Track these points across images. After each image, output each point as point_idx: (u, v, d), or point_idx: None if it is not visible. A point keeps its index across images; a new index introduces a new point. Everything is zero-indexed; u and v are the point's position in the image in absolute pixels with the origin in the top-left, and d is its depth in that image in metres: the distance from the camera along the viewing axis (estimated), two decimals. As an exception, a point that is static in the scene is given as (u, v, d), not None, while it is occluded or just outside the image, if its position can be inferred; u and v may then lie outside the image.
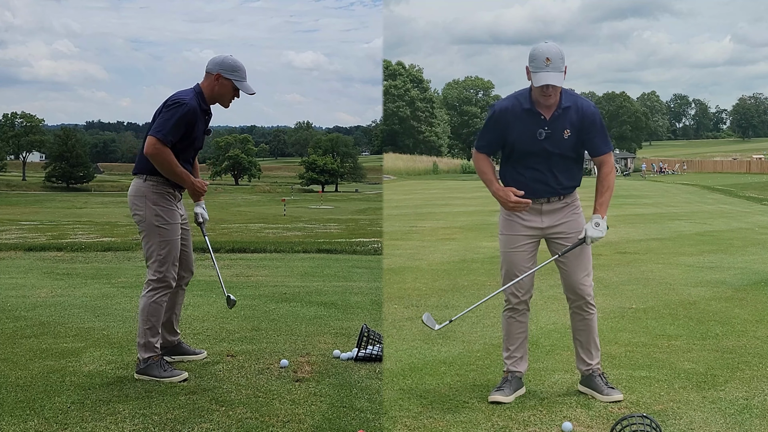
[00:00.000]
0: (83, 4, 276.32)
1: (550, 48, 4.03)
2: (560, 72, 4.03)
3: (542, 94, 4.09)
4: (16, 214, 35.02)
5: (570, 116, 4.17)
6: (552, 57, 4.00)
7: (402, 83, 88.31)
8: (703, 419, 3.93)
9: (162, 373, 4.58)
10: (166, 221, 4.67)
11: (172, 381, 4.54)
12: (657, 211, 21.07)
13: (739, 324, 6.25)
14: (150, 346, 4.66)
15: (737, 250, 11.66)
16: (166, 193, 4.68)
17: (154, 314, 4.67)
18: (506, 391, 4.25)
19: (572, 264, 4.32)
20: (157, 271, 4.68)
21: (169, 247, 4.68)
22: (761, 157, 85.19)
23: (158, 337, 4.72)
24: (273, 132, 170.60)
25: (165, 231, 4.67)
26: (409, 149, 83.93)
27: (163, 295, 4.72)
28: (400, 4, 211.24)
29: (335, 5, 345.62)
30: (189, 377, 4.65)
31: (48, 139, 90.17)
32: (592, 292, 4.38)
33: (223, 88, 4.68)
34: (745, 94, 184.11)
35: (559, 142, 4.19)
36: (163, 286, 4.70)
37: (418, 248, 11.58)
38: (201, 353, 5.16)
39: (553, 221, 4.31)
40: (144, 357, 4.64)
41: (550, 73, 4.01)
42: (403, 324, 6.21)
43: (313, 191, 76.86)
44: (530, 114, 4.18)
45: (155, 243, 4.66)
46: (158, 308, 4.70)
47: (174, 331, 5.04)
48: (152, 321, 4.67)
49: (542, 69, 4.00)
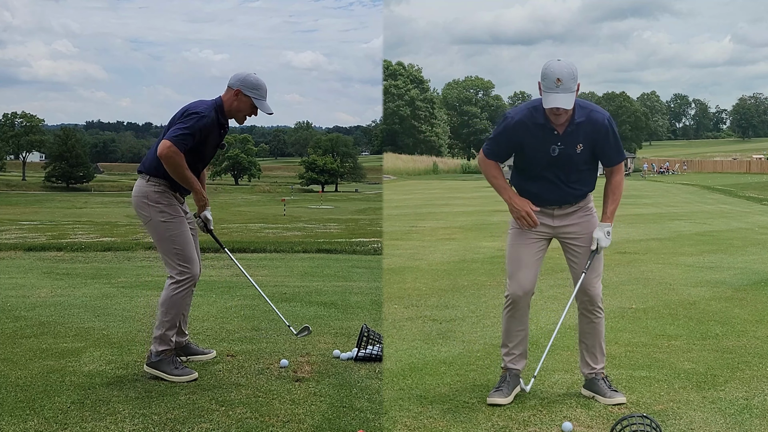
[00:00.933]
0: (82, 4, 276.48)
1: (562, 68, 3.96)
2: (571, 93, 3.97)
3: (552, 113, 4.06)
4: (16, 214, 35.02)
5: (584, 130, 4.14)
6: (563, 78, 3.94)
7: (402, 83, 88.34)
8: (703, 419, 3.93)
9: (173, 371, 4.58)
10: (171, 215, 4.69)
11: (181, 380, 4.53)
12: (657, 211, 21.07)
13: (739, 324, 6.25)
14: (166, 339, 4.66)
15: (737, 250, 11.66)
16: (167, 193, 4.71)
17: (174, 307, 4.68)
18: (504, 392, 4.25)
19: (582, 262, 4.33)
20: (179, 264, 4.68)
21: (182, 238, 4.70)
22: (761, 157, 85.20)
23: (174, 331, 4.73)
24: (273, 132, 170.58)
25: (173, 224, 4.69)
26: (409, 149, 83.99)
27: (187, 289, 4.72)
28: (401, 4, 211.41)
29: (334, 5, 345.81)
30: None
31: (48, 139, 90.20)
32: (601, 294, 4.39)
33: (242, 104, 4.71)
34: (745, 94, 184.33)
35: (572, 156, 4.18)
36: (187, 278, 4.70)
37: (418, 248, 11.58)
38: (210, 353, 5.16)
39: (564, 222, 4.34)
40: (158, 350, 4.63)
41: (559, 95, 3.95)
42: (403, 324, 6.21)
43: (313, 191, 76.88)
44: (543, 129, 4.14)
45: (167, 239, 4.68)
46: (180, 302, 4.70)
47: (182, 332, 5.04)
48: (172, 314, 4.67)
49: (552, 90, 3.95)
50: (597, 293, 4.36)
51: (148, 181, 4.69)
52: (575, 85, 3.98)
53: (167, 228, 4.67)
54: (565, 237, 4.36)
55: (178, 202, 4.79)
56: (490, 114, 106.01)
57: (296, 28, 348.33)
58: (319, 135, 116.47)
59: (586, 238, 4.31)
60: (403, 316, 6.51)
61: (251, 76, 4.72)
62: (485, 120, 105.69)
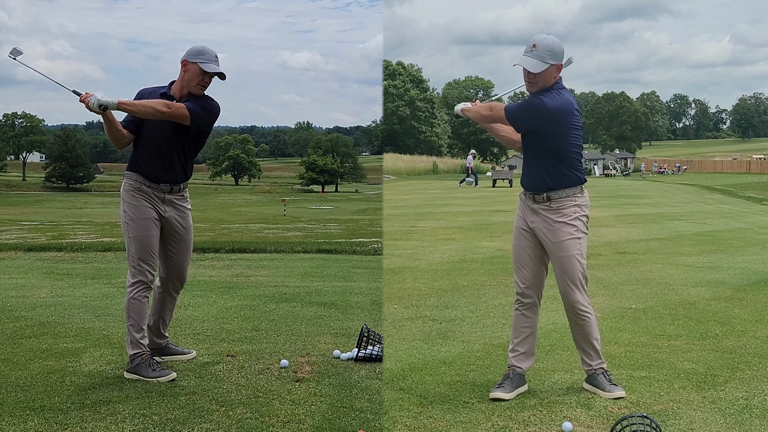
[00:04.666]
0: (79, 4, 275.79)
1: (543, 38, 4.18)
2: (540, 61, 4.14)
3: (525, 80, 4.26)
4: (16, 215, 35.01)
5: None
6: (539, 45, 4.17)
7: (402, 83, 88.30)
8: (703, 419, 3.93)
9: (150, 373, 4.59)
10: (132, 217, 4.71)
11: (160, 381, 4.54)
12: (656, 211, 21.05)
13: (738, 324, 6.25)
14: (135, 342, 4.67)
15: (737, 250, 11.65)
16: (136, 190, 4.72)
17: (134, 310, 4.69)
18: (507, 388, 4.27)
19: (557, 273, 4.37)
20: (132, 266, 4.73)
21: (137, 243, 4.70)
22: (761, 157, 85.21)
23: (142, 333, 4.72)
24: (273, 132, 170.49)
25: (131, 227, 4.71)
26: (409, 149, 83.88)
27: (141, 291, 4.70)
28: (404, 5, 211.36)
29: (332, 5, 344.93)
30: (189, 377, 4.66)
31: (48, 140, 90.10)
32: (581, 298, 4.35)
33: (191, 72, 4.73)
34: (745, 94, 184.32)
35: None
36: (137, 282, 4.71)
37: (418, 248, 11.57)
38: (190, 353, 5.16)
39: (536, 223, 4.37)
40: (130, 354, 4.66)
41: (526, 58, 4.17)
42: (403, 324, 6.21)
43: (313, 191, 76.81)
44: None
45: (126, 239, 4.75)
46: (137, 304, 4.70)
47: (161, 335, 5.06)
48: (133, 317, 4.68)
49: (525, 53, 4.19)
50: (574, 298, 4.34)
51: (125, 179, 4.78)
52: (549, 58, 4.14)
53: (126, 228, 4.73)
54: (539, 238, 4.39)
55: (156, 199, 4.74)
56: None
57: (294, 28, 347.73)
58: (319, 135, 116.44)
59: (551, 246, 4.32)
60: (403, 316, 6.51)
61: (195, 45, 4.78)
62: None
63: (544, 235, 4.33)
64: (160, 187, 4.76)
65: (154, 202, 4.76)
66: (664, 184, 46.95)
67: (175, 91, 4.77)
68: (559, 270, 4.33)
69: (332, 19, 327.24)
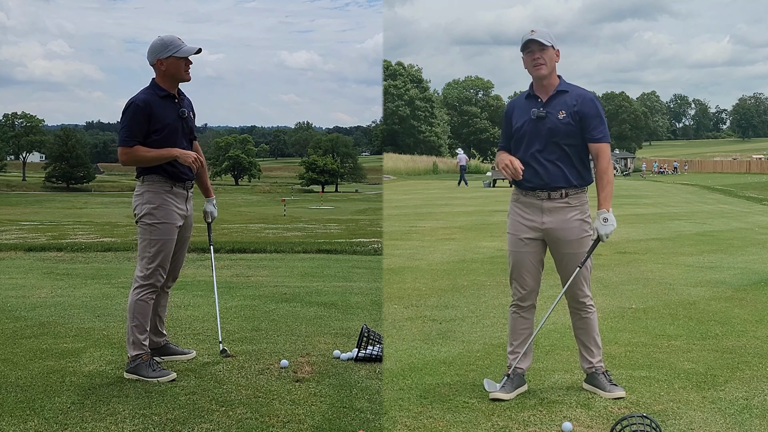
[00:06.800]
0: (77, 4, 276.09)
1: (539, 27, 4.30)
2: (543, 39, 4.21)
3: (532, 64, 4.25)
4: (16, 215, 35.00)
5: (566, 99, 4.29)
6: (537, 30, 4.26)
7: (402, 83, 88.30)
8: (703, 419, 3.93)
9: (151, 373, 4.59)
10: (158, 219, 4.68)
11: (160, 381, 4.54)
12: (657, 211, 21.05)
13: (738, 324, 6.25)
14: (138, 343, 4.67)
15: (737, 250, 11.65)
16: (162, 191, 4.69)
17: (140, 312, 4.68)
18: (507, 388, 4.28)
19: (569, 265, 4.34)
20: (145, 268, 4.70)
21: (158, 246, 4.69)
22: (761, 157, 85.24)
23: (146, 335, 4.73)
24: (273, 132, 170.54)
25: (155, 229, 4.68)
26: (409, 149, 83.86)
27: (149, 294, 4.72)
28: (404, 5, 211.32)
29: (330, 6, 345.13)
30: (189, 377, 4.65)
31: (48, 140, 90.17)
32: (588, 292, 4.41)
33: (169, 66, 4.70)
34: (745, 94, 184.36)
35: (555, 124, 4.26)
36: (148, 284, 4.71)
37: (418, 248, 11.57)
38: (190, 353, 5.16)
39: (554, 223, 4.32)
40: (132, 354, 4.65)
41: (532, 35, 4.23)
42: (403, 324, 6.21)
43: (313, 191, 76.84)
44: (529, 99, 4.38)
45: (146, 240, 4.70)
46: (144, 306, 4.70)
47: (159, 333, 5.05)
48: (138, 318, 4.68)
49: (527, 36, 4.24)
50: (582, 295, 4.38)
51: (144, 182, 4.72)
52: (550, 40, 4.22)
53: (149, 230, 4.68)
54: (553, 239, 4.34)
55: (182, 200, 4.77)
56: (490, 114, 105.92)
57: (292, 28, 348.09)
58: (319, 135, 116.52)
59: (574, 243, 4.31)
60: (403, 316, 6.51)
61: (153, 43, 4.72)
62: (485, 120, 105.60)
63: (561, 233, 4.30)
64: (185, 185, 4.79)
65: (179, 204, 4.76)
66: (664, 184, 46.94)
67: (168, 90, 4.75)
68: (572, 266, 4.31)
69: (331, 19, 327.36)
